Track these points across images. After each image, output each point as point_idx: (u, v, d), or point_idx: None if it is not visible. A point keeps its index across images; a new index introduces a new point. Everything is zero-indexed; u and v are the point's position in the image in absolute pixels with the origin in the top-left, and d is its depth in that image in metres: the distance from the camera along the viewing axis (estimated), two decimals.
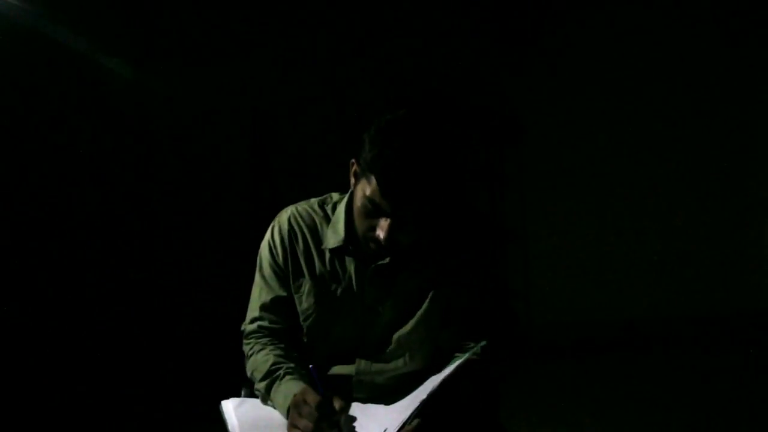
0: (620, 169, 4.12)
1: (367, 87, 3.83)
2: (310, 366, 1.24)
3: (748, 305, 4.13)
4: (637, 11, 4.02)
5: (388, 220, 1.21)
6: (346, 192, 1.41)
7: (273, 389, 1.29)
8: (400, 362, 1.34)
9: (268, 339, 1.38)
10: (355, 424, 1.24)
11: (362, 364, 1.34)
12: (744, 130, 4.18)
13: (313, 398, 1.17)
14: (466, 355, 1.26)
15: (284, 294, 1.38)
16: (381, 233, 1.22)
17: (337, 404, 1.20)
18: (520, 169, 4.08)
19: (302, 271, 1.37)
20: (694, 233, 4.13)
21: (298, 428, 1.17)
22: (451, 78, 3.95)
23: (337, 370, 1.36)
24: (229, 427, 1.27)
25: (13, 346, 3.12)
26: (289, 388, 1.26)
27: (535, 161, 4.07)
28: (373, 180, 1.19)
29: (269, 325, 1.39)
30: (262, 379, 1.32)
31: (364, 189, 1.22)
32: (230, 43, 3.70)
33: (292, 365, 1.32)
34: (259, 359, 1.35)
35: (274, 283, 1.39)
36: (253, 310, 1.41)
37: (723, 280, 4.12)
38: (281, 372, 1.30)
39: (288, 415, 1.22)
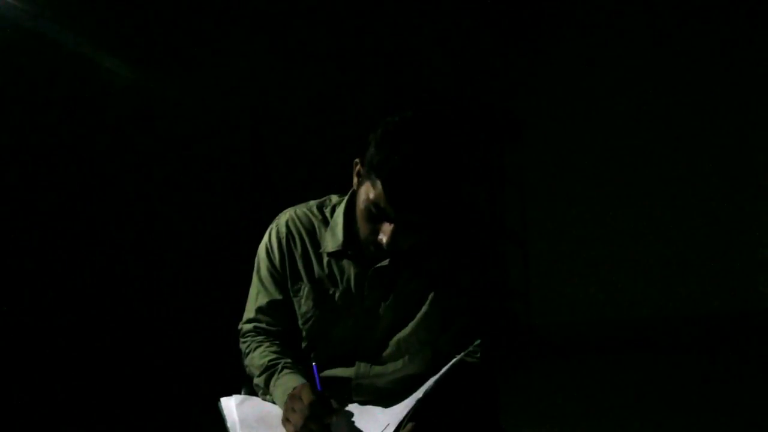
0: (620, 168, 4.12)
1: (367, 87, 3.83)
2: (313, 364, 1.24)
3: (748, 305, 4.12)
4: (638, 10, 4.02)
5: (392, 225, 1.21)
6: (345, 193, 1.40)
7: (272, 383, 1.30)
8: (399, 365, 1.34)
9: (263, 337, 1.39)
10: (353, 422, 1.24)
11: (362, 367, 1.35)
12: (744, 130, 4.18)
13: (307, 396, 1.18)
14: (461, 355, 1.26)
15: (280, 297, 1.39)
16: (384, 238, 1.22)
17: (333, 406, 1.20)
18: (520, 169, 4.08)
19: (300, 275, 1.37)
20: (694, 233, 4.13)
21: (290, 422, 1.18)
22: (452, 77, 3.95)
23: (337, 372, 1.36)
24: (229, 424, 1.27)
25: (13, 346, 3.12)
26: (288, 381, 1.27)
27: (535, 161, 4.07)
28: (379, 184, 1.18)
29: (265, 327, 1.40)
30: (260, 374, 1.33)
31: (368, 192, 1.21)
32: (230, 43, 3.70)
33: (289, 360, 1.33)
34: (256, 356, 1.36)
35: (270, 286, 1.39)
36: (249, 311, 1.42)
37: (723, 280, 4.12)
38: (279, 366, 1.31)
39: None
